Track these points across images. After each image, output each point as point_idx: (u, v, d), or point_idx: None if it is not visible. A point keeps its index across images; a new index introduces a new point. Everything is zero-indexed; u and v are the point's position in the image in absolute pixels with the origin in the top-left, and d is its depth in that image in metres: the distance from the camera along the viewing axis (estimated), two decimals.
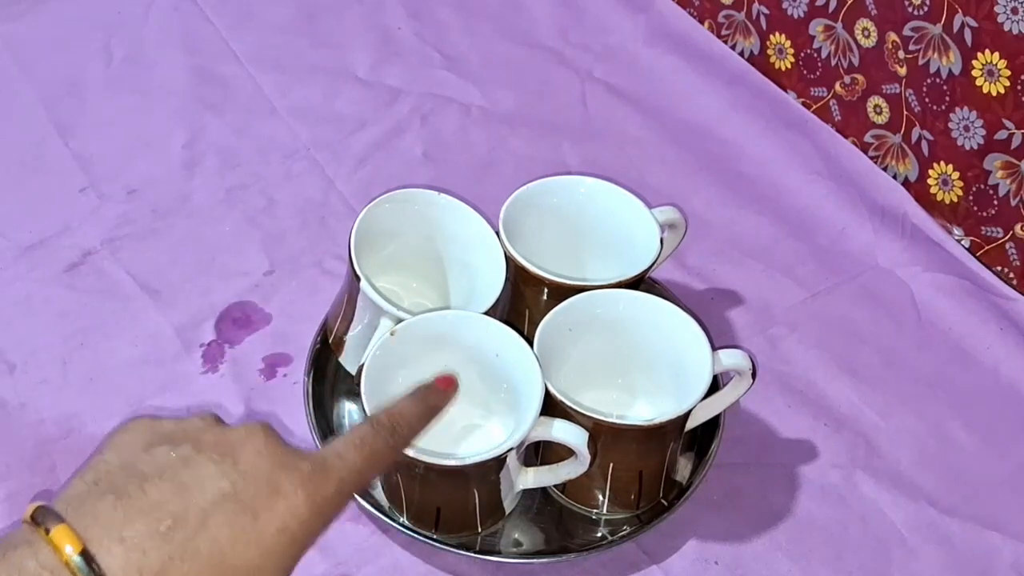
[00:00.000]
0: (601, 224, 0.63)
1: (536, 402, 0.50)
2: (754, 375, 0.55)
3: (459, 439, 0.56)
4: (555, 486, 0.57)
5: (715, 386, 0.57)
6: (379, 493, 0.56)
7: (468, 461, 0.50)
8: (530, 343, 0.54)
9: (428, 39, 0.90)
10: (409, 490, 0.53)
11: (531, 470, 0.55)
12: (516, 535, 0.56)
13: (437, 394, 0.48)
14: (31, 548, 0.36)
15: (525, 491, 0.57)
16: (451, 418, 0.57)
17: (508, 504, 0.55)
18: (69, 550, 0.35)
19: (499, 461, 0.50)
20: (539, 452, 0.57)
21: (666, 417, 0.51)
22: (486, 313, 0.56)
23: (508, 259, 0.58)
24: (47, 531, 0.36)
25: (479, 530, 0.55)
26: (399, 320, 0.55)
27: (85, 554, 0.35)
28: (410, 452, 0.49)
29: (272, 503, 0.38)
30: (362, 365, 0.54)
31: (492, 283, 0.57)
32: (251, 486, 0.38)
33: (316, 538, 0.40)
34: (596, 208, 0.63)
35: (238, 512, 0.37)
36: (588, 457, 0.51)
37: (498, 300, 0.57)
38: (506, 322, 0.54)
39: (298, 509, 0.38)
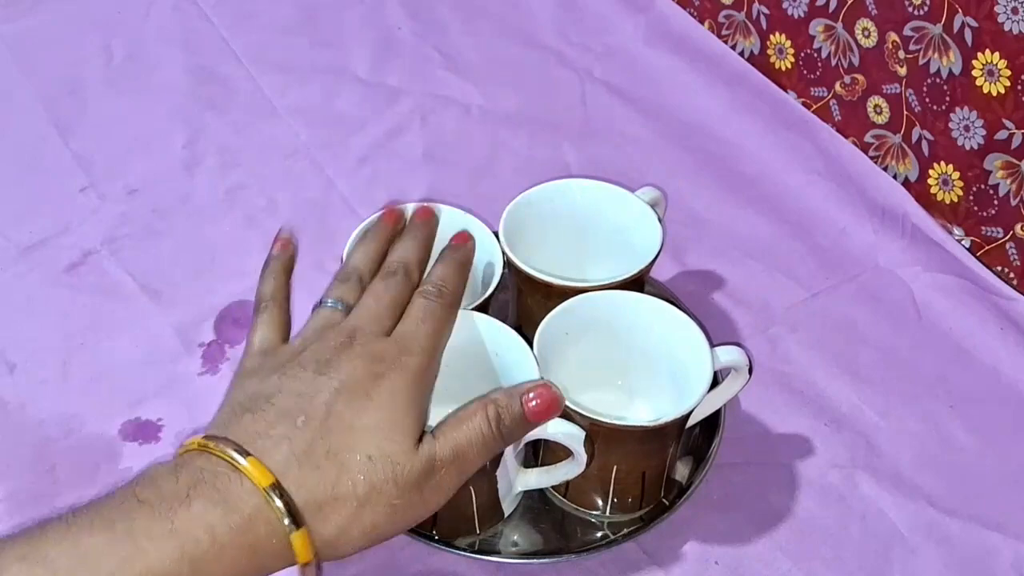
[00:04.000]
0: (601, 224, 0.63)
1: None
2: (750, 371, 0.55)
3: None
4: (556, 489, 0.57)
5: (714, 383, 0.57)
6: None
7: None
8: (532, 345, 0.53)
9: (428, 39, 0.90)
10: None
11: (530, 471, 0.55)
12: (516, 535, 0.56)
13: (461, 249, 0.55)
14: (210, 462, 0.42)
15: (525, 494, 0.57)
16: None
17: (507, 506, 0.55)
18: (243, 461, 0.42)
19: (494, 457, 0.50)
20: (538, 455, 0.57)
21: (669, 418, 0.51)
22: (480, 306, 0.56)
23: (512, 268, 0.58)
24: (219, 448, 0.42)
25: (477, 531, 0.55)
26: None
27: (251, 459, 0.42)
28: None
29: (377, 383, 0.45)
30: None
31: (489, 279, 0.57)
32: (354, 380, 0.45)
33: (427, 396, 0.48)
34: (595, 209, 0.63)
35: (352, 397, 0.45)
36: (585, 457, 0.51)
37: (493, 294, 0.57)
38: (518, 331, 0.54)
39: (400, 378, 0.46)
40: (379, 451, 0.43)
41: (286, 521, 0.41)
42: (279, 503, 0.41)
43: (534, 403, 0.48)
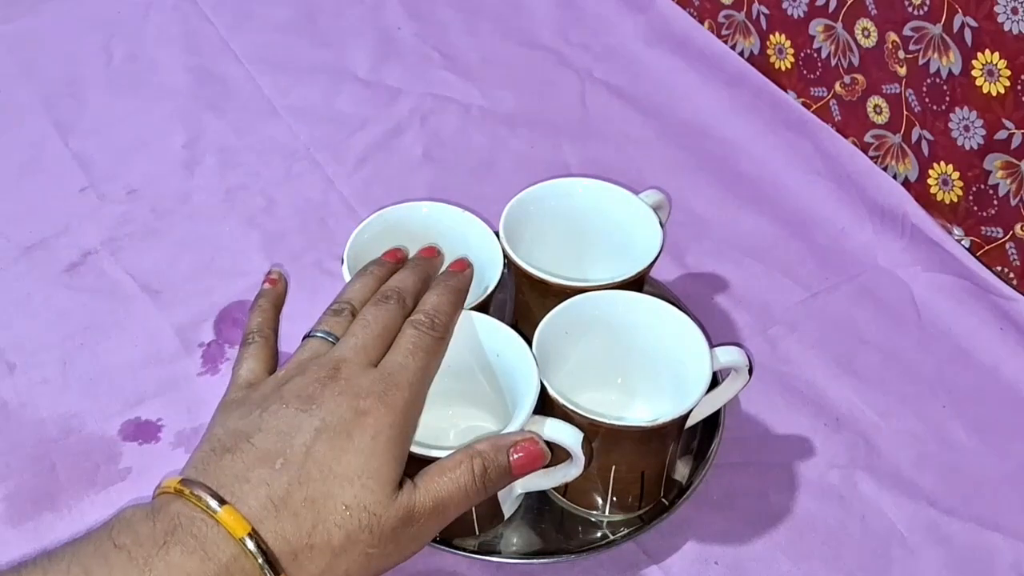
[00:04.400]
0: (601, 224, 0.63)
1: (530, 400, 0.50)
2: (750, 371, 0.55)
3: (461, 440, 0.56)
4: (556, 489, 0.57)
5: (714, 383, 0.57)
6: None
7: (448, 454, 0.49)
8: (531, 344, 0.53)
9: (428, 39, 0.90)
10: None
11: (530, 474, 0.55)
12: (516, 536, 0.56)
13: (457, 276, 0.54)
14: (187, 508, 0.42)
15: (525, 495, 0.57)
16: (453, 419, 0.57)
17: (507, 509, 0.55)
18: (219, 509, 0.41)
19: None
20: None
21: (668, 417, 0.51)
22: (479, 305, 0.56)
23: (511, 265, 0.58)
24: (194, 494, 0.42)
25: (476, 533, 0.55)
26: None
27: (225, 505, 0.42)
28: None
29: (361, 422, 0.44)
30: None
31: (488, 279, 0.57)
32: (337, 419, 0.44)
33: (411, 434, 0.47)
34: (596, 208, 0.63)
35: (333, 438, 0.44)
36: (583, 459, 0.51)
37: (493, 294, 0.57)
38: (515, 327, 0.54)
39: (384, 418, 0.45)
40: (356, 501, 0.43)
41: (265, 571, 0.41)
42: (256, 552, 0.41)
43: (520, 457, 0.47)
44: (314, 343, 0.50)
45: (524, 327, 0.57)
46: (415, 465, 0.50)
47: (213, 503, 0.41)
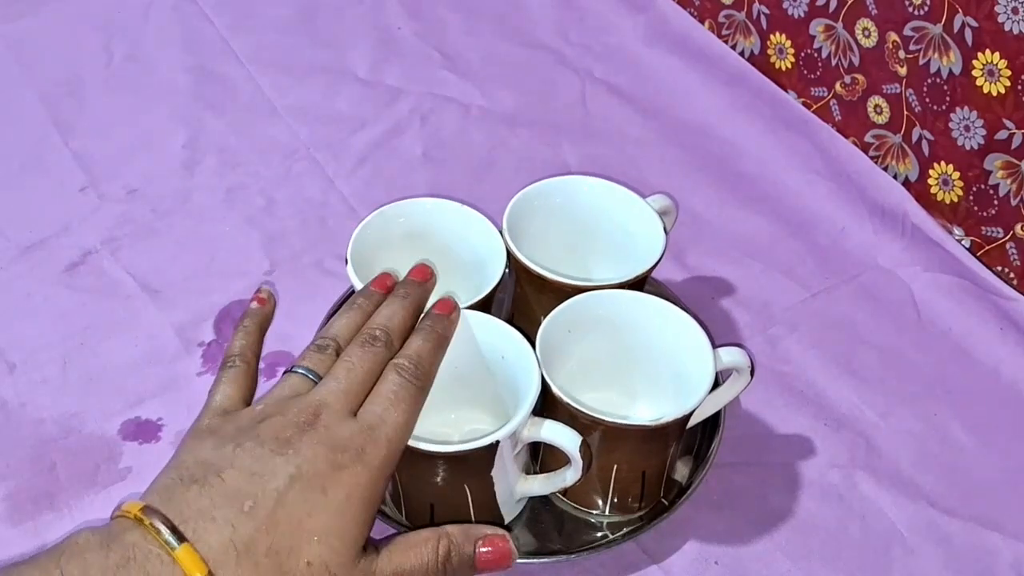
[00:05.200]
0: (604, 224, 0.63)
1: (530, 399, 0.50)
2: (752, 372, 0.55)
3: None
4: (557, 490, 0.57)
5: (715, 384, 0.57)
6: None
7: (448, 449, 0.49)
8: (533, 344, 0.53)
9: (428, 39, 0.90)
10: (404, 481, 0.53)
11: (531, 478, 0.55)
12: (516, 535, 0.56)
13: (443, 322, 0.52)
14: (144, 541, 0.40)
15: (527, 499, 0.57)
16: (457, 422, 0.57)
17: (507, 512, 0.55)
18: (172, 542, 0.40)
19: (485, 453, 0.50)
20: (539, 457, 0.57)
21: (670, 417, 0.51)
22: (481, 302, 0.56)
23: (512, 259, 0.58)
24: (153, 526, 0.40)
25: None
26: None
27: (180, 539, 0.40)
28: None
29: (337, 477, 0.43)
30: None
31: (490, 275, 0.57)
32: (313, 470, 0.43)
33: (383, 492, 0.46)
34: (599, 208, 0.63)
35: (307, 490, 0.42)
36: (582, 462, 0.50)
37: (494, 291, 0.57)
38: (511, 323, 0.54)
39: (360, 476, 0.44)
40: (319, 559, 0.41)
41: None
42: None
43: (487, 551, 0.46)
44: (295, 380, 0.48)
45: (521, 323, 0.57)
46: (419, 462, 0.50)
47: (172, 539, 0.39)
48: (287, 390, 0.47)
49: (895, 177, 0.75)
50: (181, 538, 0.40)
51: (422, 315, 0.53)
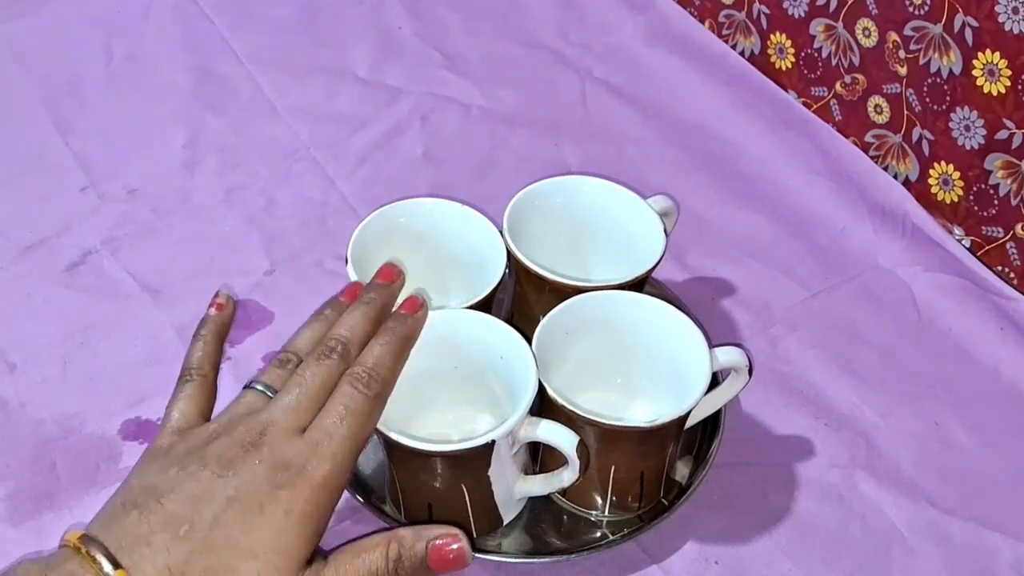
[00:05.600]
0: (605, 224, 0.63)
1: (526, 398, 0.50)
2: (750, 371, 0.55)
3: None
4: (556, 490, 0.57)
5: (714, 384, 0.57)
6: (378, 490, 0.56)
7: (444, 448, 0.49)
8: (530, 341, 0.53)
9: (428, 39, 0.90)
10: (402, 482, 0.53)
11: (530, 478, 0.55)
12: (516, 535, 0.56)
13: (405, 322, 0.51)
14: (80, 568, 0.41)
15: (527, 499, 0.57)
16: (455, 422, 0.57)
17: (506, 512, 0.55)
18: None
19: (481, 453, 0.50)
20: (538, 457, 0.57)
21: (667, 418, 0.51)
22: (481, 302, 0.56)
23: (512, 259, 0.58)
24: (90, 555, 0.41)
25: (474, 535, 0.55)
26: None
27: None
28: (396, 436, 0.48)
29: (275, 495, 0.43)
30: None
31: (491, 276, 0.57)
32: (252, 490, 0.43)
33: (331, 506, 0.45)
34: (600, 208, 0.63)
35: (245, 510, 0.42)
36: (578, 463, 0.50)
37: (494, 292, 0.57)
38: (509, 323, 0.54)
39: (300, 493, 0.43)
40: None
41: None
42: None
43: (439, 550, 0.45)
44: (251, 397, 0.48)
45: (520, 323, 0.57)
46: (416, 461, 0.50)
47: (108, 567, 0.40)
48: (242, 407, 0.47)
49: (895, 177, 0.75)
50: (117, 566, 0.40)
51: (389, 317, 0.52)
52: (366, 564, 0.44)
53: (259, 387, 0.48)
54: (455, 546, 0.46)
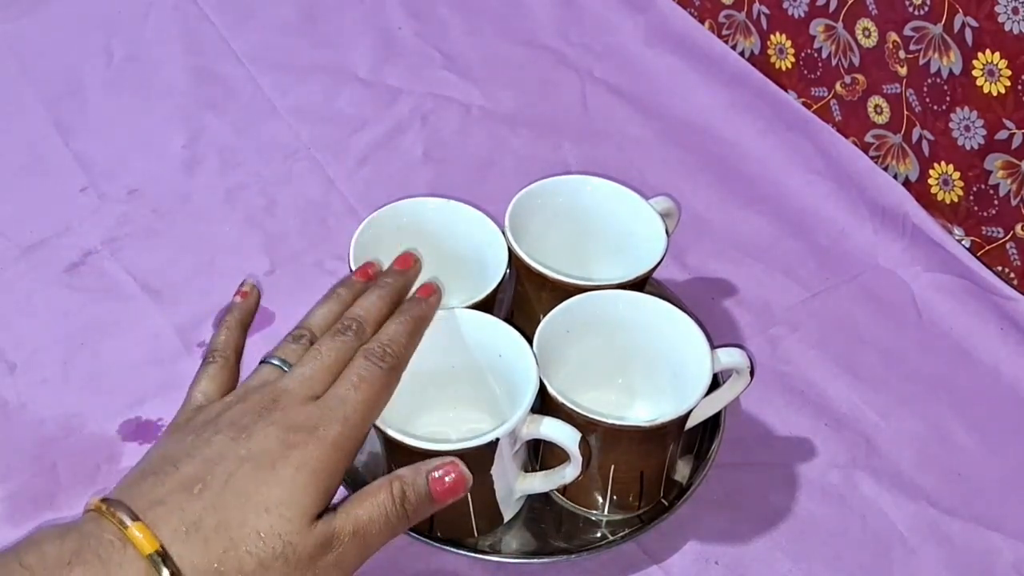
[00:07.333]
0: (606, 224, 0.63)
1: (528, 396, 0.50)
2: (752, 373, 0.55)
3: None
4: (556, 488, 0.57)
5: (715, 385, 0.57)
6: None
7: (448, 447, 0.49)
8: (531, 342, 0.53)
9: (428, 39, 0.90)
10: None
11: (530, 476, 0.55)
12: (516, 535, 0.56)
13: (420, 305, 0.53)
14: (104, 529, 0.42)
15: (526, 497, 0.57)
16: (455, 422, 0.57)
17: (506, 510, 0.55)
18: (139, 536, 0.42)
19: (484, 451, 0.50)
20: (539, 456, 0.57)
21: (667, 418, 0.51)
22: (482, 302, 0.56)
23: (513, 257, 0.58)
24: (111, 511, 0.42)
25: (475, 534, 0.55)
26: None
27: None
28: (396, 435, 0.49)
29: (286, 454, 0.44)
30: None
31: (492, 275, 0.57)
32: (263, 449, 0.44)
33: (342, 467, 0.46)
34: (602, 208, 0.63)
35: (257, 468, 0.44)
36: (581, 459, 0.50)
37: (495, 291, 0.57)
38: (510, 322, 0.54)
39: (311, 452, 0.45)
40: (270, 528, 0.43)
41: None
42: (164, 572, 0.41)
43: (440, 481, 0.47)
44: (266, 370, 0.49)
45: (521, 321, 0.57)
46: (419, 460, 0.50)
47: (127, 520, 0.41)
48: (256, 380, 0.49)
49: (895, 177, 0.75)
50: (136, 519, 0.42)
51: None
52: (374, 506, 0.46)
53: (275, 361, 0.49)
54: (453, 474, 0.47)
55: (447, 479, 0.47)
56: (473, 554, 0.54)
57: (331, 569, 0.44)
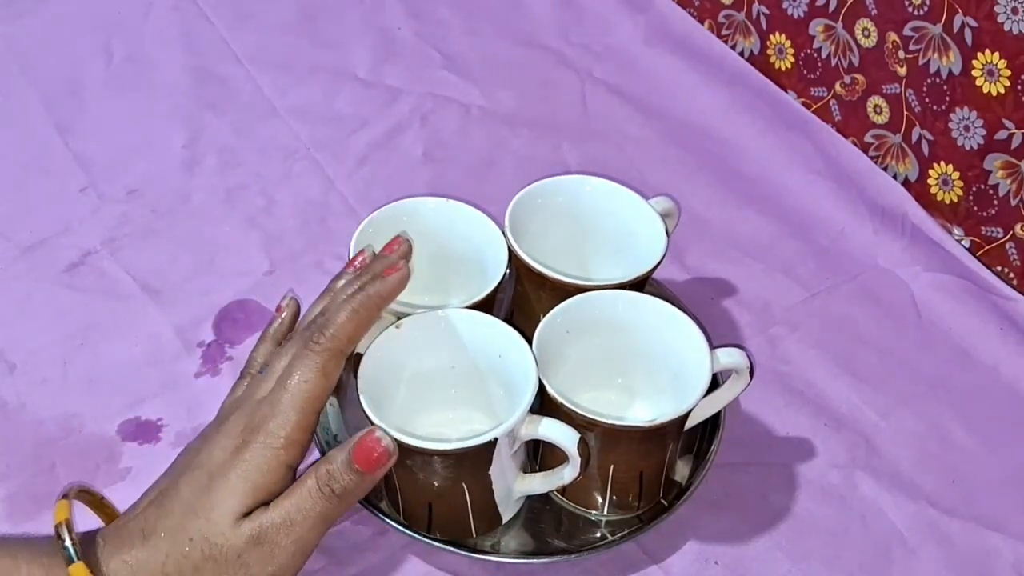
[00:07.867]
0: (606, 224, 0.63)
1: (527, 396, 0.50)
2: (752, 373, 0.55)
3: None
4: (555, 488, 0.57)
5: (715, 385, 0.57)
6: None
7: (447, 447, 0.49)
8: (531, 342, 0.53)
9: (428, 39, 0.90)
10: (401, 481, 0.53)
11: (529, 476, 0.55)
12: (515, 535, 0.56)
13: (375, 285, 0.51)
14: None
15: (525, 498, 0.57)
16: (454, 422, 0.57)
17: (505, 511, 0.55)
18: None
19: (483, 451, 0.50)
20: (539, 456, 0.57)
21: (666, 418, 0.51)
22: (483, 302, 0.56)
23: (513, 257, 0.58)
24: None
25: (473, 534, 0.55)
26: (399, 315, 0.54)
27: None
28: (396, 435, 0.48)
29: (223, 460, 0.47)
30: (360, 353, 0.53)
31: (492, 275, 0.57)
32: (209, 457, 0.48)
33: (283, 459, 0.47)
34: (601, 208, 0.63)
35: (199, 476, 0.47)
36: (579, 459, 0.50)
37: (495, 291, 0.57)
38: (509, 322, 0.54)
39: (243, 454, 0.47)
40: (198, 532, 0.46)
41: None
42: (66, 540, 0.45)
43: (360, 450, 0.47)
44: (240, 384, 0.53)
45: (520, 321, 0.57)
46: (416, 460, 0.50)
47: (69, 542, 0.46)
48: (239, 391, 0.52)
49: (895, 177, 0.75)
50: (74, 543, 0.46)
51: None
52: (301, 494, 0.47)
53: (253, 371, 0.53)
54: (371, 440, 0.47)
55: (368, 447, 0.47)
56: (472, 554, 0.54)
57: (264, 562, 0.46)
